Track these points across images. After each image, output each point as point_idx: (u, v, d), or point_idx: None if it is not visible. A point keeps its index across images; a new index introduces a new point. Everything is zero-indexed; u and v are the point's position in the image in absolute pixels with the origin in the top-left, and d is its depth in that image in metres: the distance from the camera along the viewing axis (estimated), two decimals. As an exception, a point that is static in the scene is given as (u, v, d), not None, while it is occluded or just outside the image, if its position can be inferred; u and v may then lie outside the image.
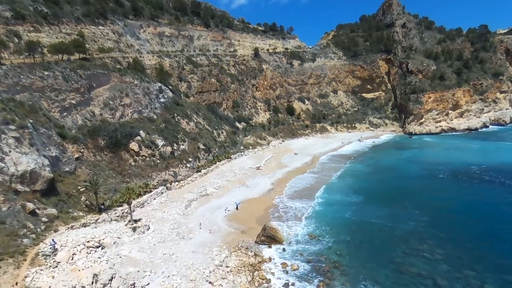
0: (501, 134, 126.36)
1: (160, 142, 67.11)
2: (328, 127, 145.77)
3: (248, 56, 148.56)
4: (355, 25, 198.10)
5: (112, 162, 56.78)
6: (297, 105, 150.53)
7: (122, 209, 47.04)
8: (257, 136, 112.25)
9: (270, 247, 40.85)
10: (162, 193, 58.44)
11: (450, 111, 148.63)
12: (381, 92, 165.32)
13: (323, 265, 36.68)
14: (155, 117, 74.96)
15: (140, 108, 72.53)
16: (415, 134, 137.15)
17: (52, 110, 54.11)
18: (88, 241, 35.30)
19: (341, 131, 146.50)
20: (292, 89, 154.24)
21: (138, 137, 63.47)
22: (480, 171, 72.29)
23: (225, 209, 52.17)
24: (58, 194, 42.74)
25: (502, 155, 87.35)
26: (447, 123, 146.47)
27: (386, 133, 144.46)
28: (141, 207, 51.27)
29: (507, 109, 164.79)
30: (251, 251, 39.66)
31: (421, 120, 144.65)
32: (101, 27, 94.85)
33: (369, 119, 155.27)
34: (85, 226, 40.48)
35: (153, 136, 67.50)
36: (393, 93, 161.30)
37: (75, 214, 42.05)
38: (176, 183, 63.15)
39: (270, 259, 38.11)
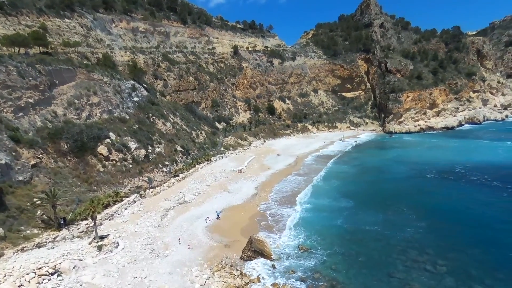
0: (477, 133, 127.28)
1: (132, 145, 60.55)
2: (310, 127, 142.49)
3: (227, 54, 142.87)
4: (334, 24, 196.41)
5: (76, 169, 49.83)
6: (278, 105, 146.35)
7: (87, 223, 40.56)
8: (238, 137, 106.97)
9: (257, 263, 35.79)
10: (135, 202, 52.10)
11: (427, 110, 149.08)
12: (361, 91, 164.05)
13: (320, 283, 32.02)
14: (127, 117, 68.14)
15: (110, 108, 65.52)
16: (395, 133, 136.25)
17: (4, 110, 46.56)
18: (40, 268, 28.97)
19: (322, 130, 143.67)
20: (272, 88, 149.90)
21: (108, 140, 56.71)
22: (465, 171, 70.32)
23: (206, 219, 46.62)
24: (7, 209, 35.78)
25: (483, 154, 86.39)
26: (425, 122, 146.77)
27: (367, 132, 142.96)
28: (110, 219, 44.87)
29: (480, 108, 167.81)
30: (237, 270, 34.43)
31: (400, 119, 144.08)
32: (67, 20, 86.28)
33: (350, 118, 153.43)
34: (39, 247, 33.93)
35: (125, 138, 60.82)
36: (373, 92, 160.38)
37: (28, 232, 35.33)
38: (151, 190, 56.89)
39: (258, 279, 32.99)
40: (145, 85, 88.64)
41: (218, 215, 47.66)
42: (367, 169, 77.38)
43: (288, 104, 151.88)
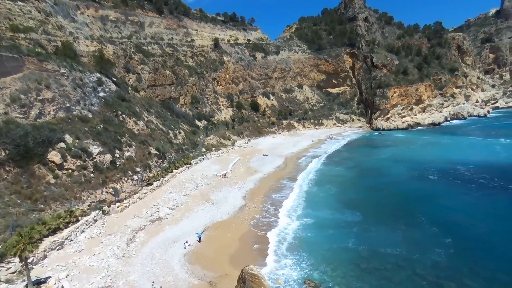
0: (465, 129, 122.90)
1: (95, 149, 49.39)
2: (295, 124, 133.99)
3: (208, 47, 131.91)
4: (318, 18, 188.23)
5: (17, 182, 38.41)
6: (261, 101, 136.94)
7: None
8: (220, 136, 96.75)
9: (254, 311, 26.37)
10: (96, 221, 41.34)
11: (414, 106, 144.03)
12: (346, 87, 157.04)
13: None
14: (90, 115, 56.66)
15: (68, 105, 53.82)
16: (383, 129, 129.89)
17: None
18: None
19: (308, 127, 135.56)
20: (256, 84, 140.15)
21: (62, 144, 45.37)
22: (471, 173, 63.37)
23: (185, 243, 36.62)
24: None
25: (481, 152, 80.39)
26: (411, 118, 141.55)
27: (354, 129, 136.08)
28: (58, 249, 34.09)
29: (463, 103, 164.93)
30: (227, 323, 24.96)
31: (388, 116, 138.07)
32: (20, 3, 73.10)
33: (336, 115, 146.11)
34: None
35: (85, 141, 49.55)
36: (358, 88, 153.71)
37: None
38: (117, 204, 46.16)
39: None
40: (114, 79, 76.94)
41: (199, 238, 37.74)
42: (364, 171, 69.35)
43: (272, 100, 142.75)
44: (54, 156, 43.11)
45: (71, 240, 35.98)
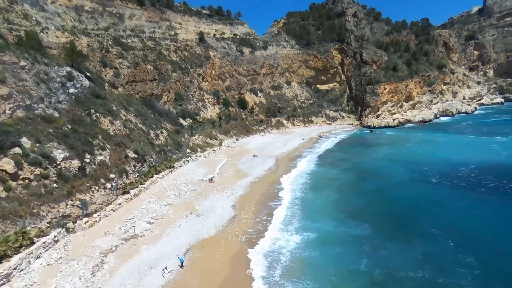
0: (456, 126, 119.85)
1: (60, 154, 41.93)
2: (284, 122, 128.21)
3: (192, 41, 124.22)
4: (306, 13, 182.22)
5: (-46, 198, 30.97)
6: (249, 98, 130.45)
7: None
8: (206, 135, 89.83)
9: None
10: (57, 242, 34.17)
11: (404, 103, 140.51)
12: (336, 83, 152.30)
13: None
14: (56, 114, 48.92)
15: (28, 102, 45.94)
16: (374, 127, 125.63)
17: None
18: None
19: (298, 125, 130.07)
20: (243, 80, 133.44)
21: (17, 149, 37.83)
22: (475, 175, 58.60)
23: (164, 270, 29.99)
24: None
25: (480, 152, 76.12)
26: (401, 115, 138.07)
27: (344, 127, 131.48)
28: (2, 284, 26.95)
29: (452, 100, 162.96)
30: None
31: (378, 113, 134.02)
32: (-23, -13, 64.34)
33: (326, 112, 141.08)
34: None
35: (48, 145, 42.01)
36: (348, 84, 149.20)
37: None
38: (85, 219, 38.97)
39: None
40: (88, 74, 69.03)
41: (182, 263, 31.18)
42: (362, 172, 63.99)
43: (260, 97, 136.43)
44: (6, 164, 35.53)
45: (21, 270, 28.85)
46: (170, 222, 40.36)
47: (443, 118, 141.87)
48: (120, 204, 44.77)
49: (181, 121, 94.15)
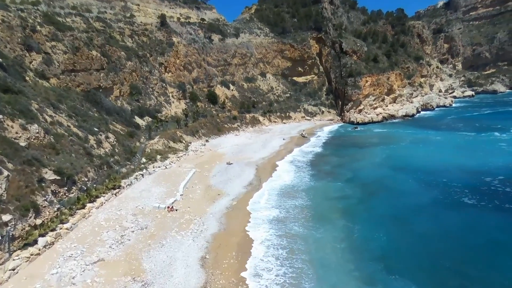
0: (443, 121, 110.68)
1: None
2: (261, 118, 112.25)
3: (152, 25, 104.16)
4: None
5: None
6: (220, 91, 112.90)
7: None
8: (169, 138, 71.77)
9: None
10: None
11: (385, 96, 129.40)
12: (314, 75, 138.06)
13: None
14: None
15: None
16: (358, 123, 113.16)
17: None
18: None
19: (275, 122, 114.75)
20: (213, 71, 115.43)
21: None
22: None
23: None
24: None
25: (491, 153, 64.18)
26: (383, 109, 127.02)
27: (325, 123, 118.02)
28: None
29: (430, 93, 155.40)
30: None
31: (360, 107, 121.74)
32: None
33: (304, 107, 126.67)
34: None
35: None
36: (327, 76, 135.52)
37: None
38: None
39: None
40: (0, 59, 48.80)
41: None
42: (367, 186, 49.43)
43: (232, 90, 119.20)
44: None
45: None
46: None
47: (424, 112, 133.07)
48: (14, 269, 26.56)
49: (138, 120, 75.27)
